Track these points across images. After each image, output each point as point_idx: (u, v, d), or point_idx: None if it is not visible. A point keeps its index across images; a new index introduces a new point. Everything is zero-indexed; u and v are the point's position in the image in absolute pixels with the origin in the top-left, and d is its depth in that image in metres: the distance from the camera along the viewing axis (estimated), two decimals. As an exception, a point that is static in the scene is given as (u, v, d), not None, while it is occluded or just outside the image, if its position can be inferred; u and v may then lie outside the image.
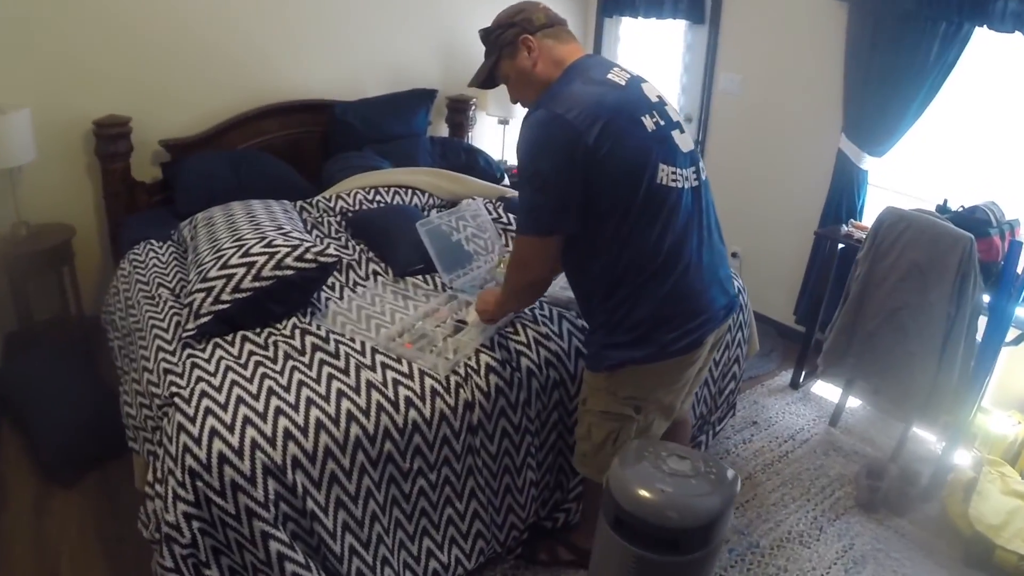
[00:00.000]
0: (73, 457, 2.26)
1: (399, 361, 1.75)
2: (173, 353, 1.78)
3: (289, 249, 1.88)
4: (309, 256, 1.89)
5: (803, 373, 3.10)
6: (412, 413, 1.62)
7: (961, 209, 2.55)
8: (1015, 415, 2.64)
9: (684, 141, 1.54)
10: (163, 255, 2.37)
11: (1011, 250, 2.33)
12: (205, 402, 1.55)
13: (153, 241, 2.46)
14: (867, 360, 2.57)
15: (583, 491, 1.95)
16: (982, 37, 2.63)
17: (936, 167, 2.99)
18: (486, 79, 1.63)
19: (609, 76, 1.49)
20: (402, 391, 1.65)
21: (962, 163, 2.90)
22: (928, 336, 2.37)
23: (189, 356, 1.73)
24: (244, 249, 1.88)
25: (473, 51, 3.85)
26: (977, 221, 2.44)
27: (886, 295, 2.47)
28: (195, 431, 1.47)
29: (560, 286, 2.04)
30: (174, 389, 1.62)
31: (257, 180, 2.85)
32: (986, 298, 2.37)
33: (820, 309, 3.02)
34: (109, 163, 2.77)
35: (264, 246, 1.89)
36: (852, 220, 3.04)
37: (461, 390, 1.70)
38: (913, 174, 3.08)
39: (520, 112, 3.90)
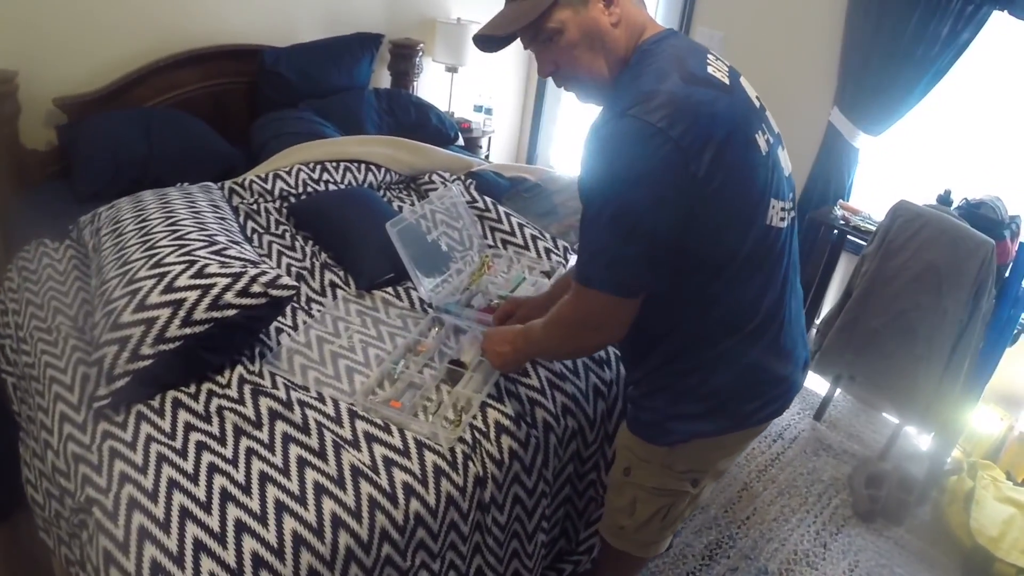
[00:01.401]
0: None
1: (386, 428, 1.38)
2: (83, 427, 1.33)
3: (229, 280, 1.42)
4: (256, 289, 1.44)
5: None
6: (414, 504, 1.28)
7: (964, 203, 2.40)
8: (997, 410, 2.60)
9: (785, 161, 1.19)
10: (60, 263, 1.84)
11: (1019, 256, 2.21)
12: (138, 518, 1.14)
13: (47, 242, 1.91)
14: (866, 358, 2.43)
15: (600, 549, 1.70)
16: (998, 21, 2.42)
17: (932, 151, 2.82)
18: (522, 29, 1.08)
19: (710, 71, 1.07)
20: (398, 475, 1.29)
21: (961, 151, 2.73)
22: (937, 341, 2.24)
23: (105, 436, 1.29)
24: (167, 280, 1.40)
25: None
26: (987, 220, 2.29)
27: (895, 295, 2.30)
28: (131, 566, 1.07)
29: None
30: (91, 493, 1.19)
31: (173, 147, 2.31)
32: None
33: (807, 296, 2.86)
34: (-7, 129, 2.17)
35: (194, 275, 1.42)
36: (841, 200, 2.85)
37: (470, 463, 1.37)
38: (907, 156, 2.89)
39: (474, 57, 3.47)
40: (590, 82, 1.12)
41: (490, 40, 1.13)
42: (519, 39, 1.13)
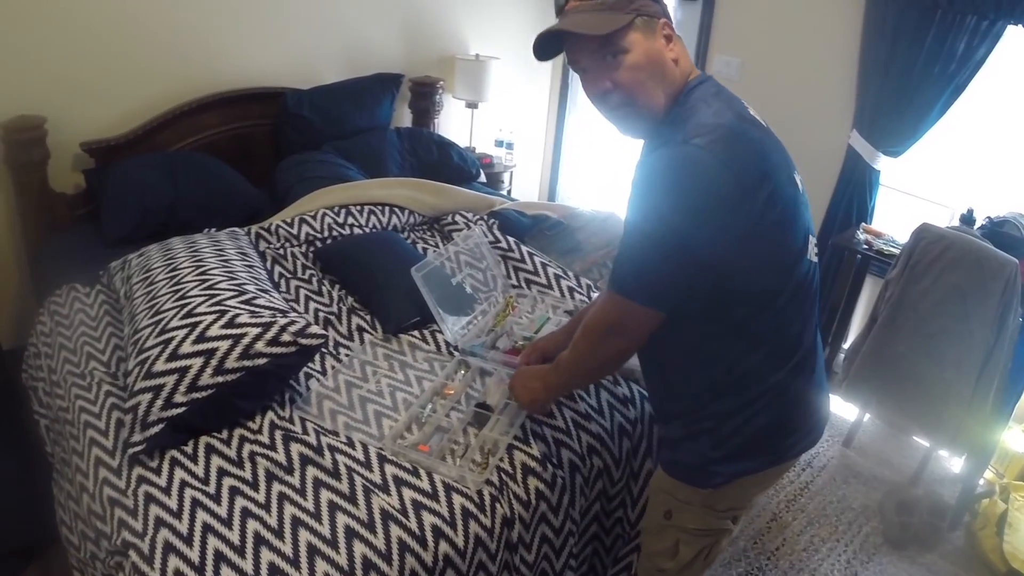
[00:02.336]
0: (2, 549, 1.82)
1: (415, 471, 1.41)
2: (118, 472, 1.38)
3: (259, 330, 1.47)
4: (286, 338, 1.48)
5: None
6: (443, 546, 1.30)
7: (987, 221, 2.38)
8: (1030, 430, 2.55)
9: (805, 197, 1.24)
10: (91, 308, 1.90)
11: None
12: (173, 561, 1.17)
13: (78, 287, 1.98)
14: (894, 383, 2.40)
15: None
16: (1014, 36, 2.42)
17: (952, 169, 2.80)
18: (598, 37, 1.09)
19: (752, 113, 1.14)
20: (427, 518, 1.31)
21: (983, 167, 2.71)
22: (965, 363, 2.21)
23: (140, 481, 1.34)
24: (199, 330, 1.46)
25: (439, 27, 3.43)
26: (1011, 238, 2.27)
27: (920, 319, 2.28)
28: (166, 614, 1.11)
29: None
30: (127, 537, 1.23)
31: (199, 191, 2.39)
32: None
33: (832, 321, 2.84)
34: (23, 174, 2.27)
35: (225, 325, 1.47)
36: (864, 224, 2.83)
37: (497, 505, 1.38)
38: (927, 175, 2.88)
39: (494, 92, 3.51)
40: (642, 109, 1.12)
41: (552, 42, 1.14)
42: (565, 55, 1.16)
